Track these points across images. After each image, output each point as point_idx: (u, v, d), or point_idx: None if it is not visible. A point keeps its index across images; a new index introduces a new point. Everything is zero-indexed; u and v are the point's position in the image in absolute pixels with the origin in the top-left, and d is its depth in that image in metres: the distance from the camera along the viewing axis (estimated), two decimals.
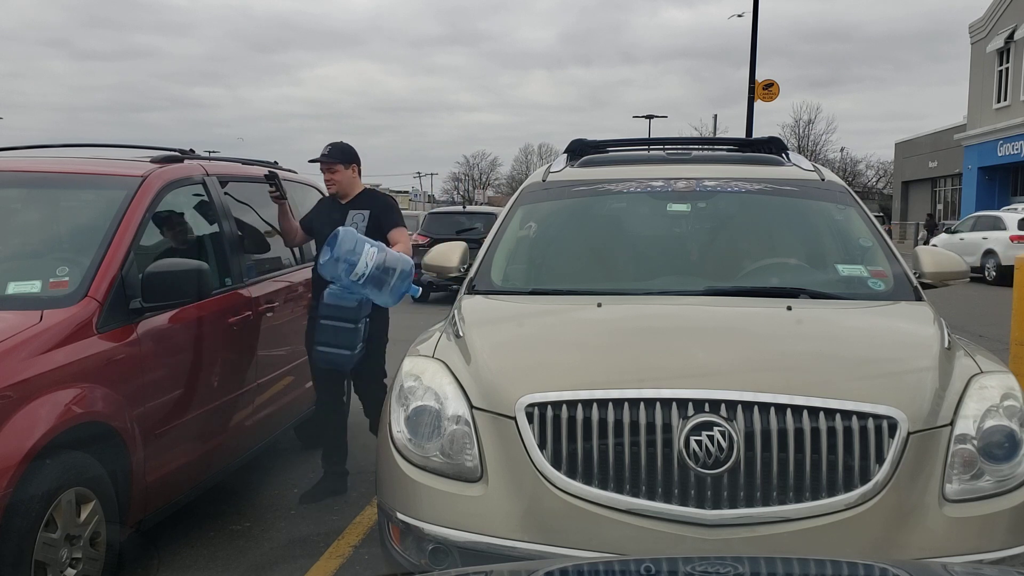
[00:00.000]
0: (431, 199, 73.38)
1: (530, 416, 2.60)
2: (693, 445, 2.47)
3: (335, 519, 4.34)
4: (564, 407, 2.57)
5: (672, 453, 2.49)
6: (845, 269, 3.74)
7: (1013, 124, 29.22)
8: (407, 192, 74.51)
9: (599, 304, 3.34)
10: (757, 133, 21.56)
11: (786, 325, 3.15)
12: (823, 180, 4.20)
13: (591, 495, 2.52)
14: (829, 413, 2.50)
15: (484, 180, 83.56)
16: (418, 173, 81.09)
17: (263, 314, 4.57)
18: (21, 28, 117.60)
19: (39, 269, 3.54)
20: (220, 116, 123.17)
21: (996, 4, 30.85)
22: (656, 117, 47.62)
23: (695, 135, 43.80)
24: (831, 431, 2.49)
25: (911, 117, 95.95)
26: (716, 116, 74.52)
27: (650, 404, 2.53)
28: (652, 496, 2.49)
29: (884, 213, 43.33)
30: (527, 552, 2.51)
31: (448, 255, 4.10)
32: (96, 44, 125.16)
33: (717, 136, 41.42)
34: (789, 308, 3.21)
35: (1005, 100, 30.45)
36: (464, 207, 18.50)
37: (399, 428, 2.83)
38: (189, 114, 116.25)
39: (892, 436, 2.52)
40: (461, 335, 3.11)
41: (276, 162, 5.66)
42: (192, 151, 4.66)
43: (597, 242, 4.11)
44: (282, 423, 5.00)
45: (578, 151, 4.63)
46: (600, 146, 4.78)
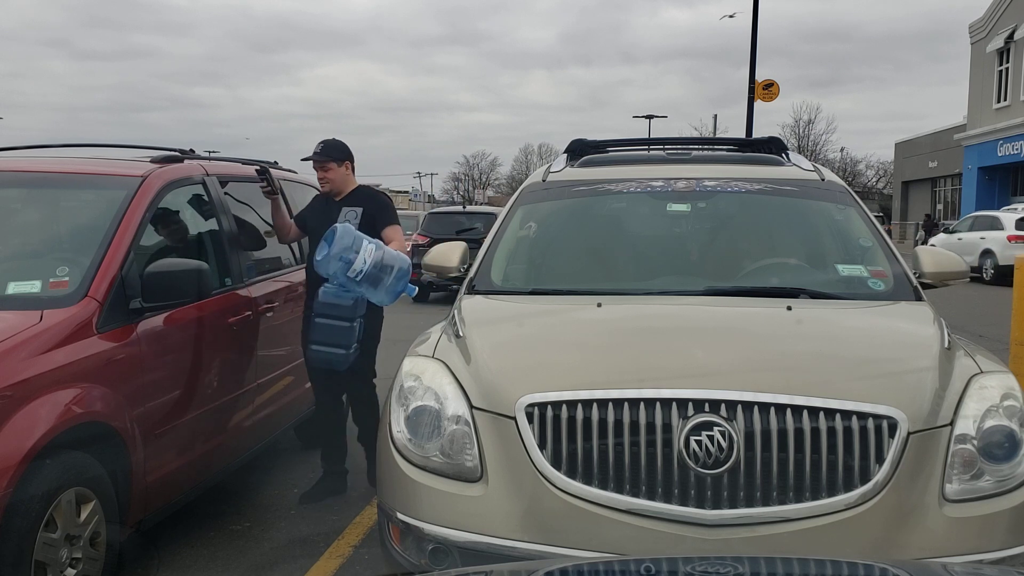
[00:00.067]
0: (431, 199, 73.32)
1: (530, 416, 2.60)
2: (693, 445, 2.47)
3: (335, 519, 4.34)
4: (564, 407, 2.57)
5: (672, 453, 2.49)
6: (845, 269, 3.74)
7: (1013, 124, 29.22)
8: (407, 192, 74.48)
9: (599, 304, 3.34)
10: (757, 133, 21.55)
11: (786, 325, 3.15)
12: (823, 180, 4.20)
13: (591, 495, 2.52)
14: (829, 413, 2.50)
15: (484, 180, 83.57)
16: (418, 173, 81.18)
17: (263, 314, 4.57)
18: (21, 28, 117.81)
19: (39, 269, 3.54)
20: (220, 116, 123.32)
21: (996, 4, 30.84)
22: (656, 117, 47.66)
23: (695, 135, 43.78)
24: (831, 431, 2.49)
25: (911, 117, 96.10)
26: (716, 116, 74.57)
27: (650, 404, 2.53)
28: (652, 496, 2.49)
29: (884, 213, 43.34)
30: (527, 552, 2.51)
31: (448, 255, 4.09)
32: (96, 44, 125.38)
33: (717, 136, 41.40)
34: (789, 308, 3.21)
35: (1005, 100, 30.45)
36: (464, 207, 18.49)
37: (399, 428, 2.83)
38: (189, 114, 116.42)
39: (892, 436, 2.52)
40: (461, 335, 3.10)
41: (276, 162, 5.66)
42: (192, 151, 4.66)
43: (597, 242, 4.11)
44: (282, 423, 5.00)
45: (578, 151, 4.63)
46: (600, 146, 4.78)
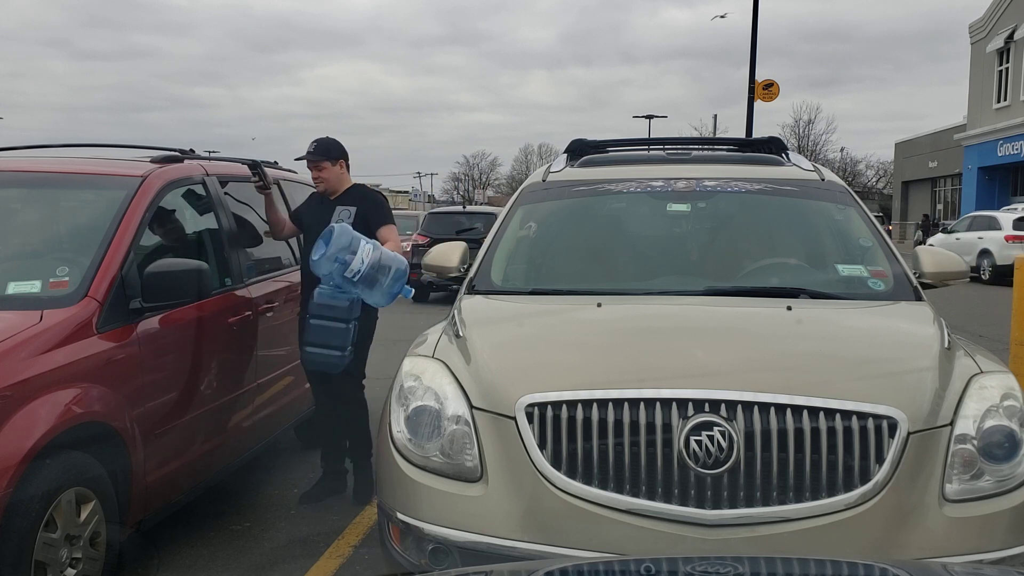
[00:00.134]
0: (431, 199, 73.33)
1: (530, 416, 2.60)
2: (693, 445, 2.47)
3: (335, 519, 4.34)
4: (564, 407, 2.57)
5: (672, 453, 2.49)
6: (845, 269, 3.74)
7: (1013, 124, 29.22)
8: (407, 192, 74.55)
9: (599, 304, 3.34)
10: (757, 133, 21.56)
11: (786, 325, 3.15)
12: (823, 180, 4.20)
13: (591, 495, 2.52)
14: (829, 413, 2.50)
15: (484, 180, 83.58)
16: (418, 173, 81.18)
17: (263, 314, 4.57)
18: (21, 28, 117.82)
19: (39, 269, 3.54)
20: (220, 116, 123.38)
21: (996, 4, 30.84)
22: (656, 117, 47.70)
23: (695, 135, 43.79)
24: (831, 431, 2.49)
25: (911, 117, 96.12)
26: (716, 116, 74.56)
27: (650, 404, 2.53)
28: (652, 496, 2.49)
29: (884, 213, 43.32)
30: (527, 552, 2.51)
31: (448, 255, 4.09)
32: (96, 44, 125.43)
33: (717, 136, 41.40)
34: (789, 308, 3.21)
35: (1005, 100, 30.45)
36: (464, 207, 18.49)
37: (399, 428, 2.83)
38: (189, 114, 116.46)
39: (892, 436, 2.52)
40: (461, 335, 3.10)
41: (276, 162, 5.66)
42: (192, 151, 4.66)
43: (597, 242, 4.11)
44: (282, 423, 5.00)
45: (578, 151, 4.63)
46: (600, 146, 4.78)
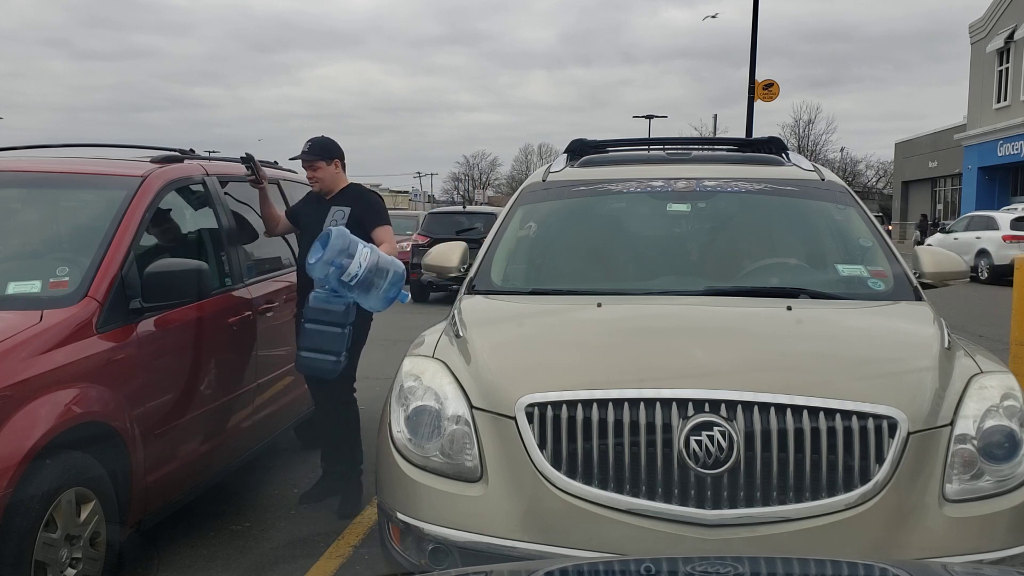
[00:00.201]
0: (431, 199, 73.37)
1: (530, 416, 2.60)
2: (693, 445, 2.47)
3: (335, 519, 4.33)
4: (564, 407, 2.57)
5: (672, 453, 2.49)
6: (845, 269, 3.74)
7: (1013, 124, 29.22)
8: (407, 192, 74.58)
9: (599, 304, 3.34)
10: (757, 133, 21.55)
11: (786, 325, 3.15)
12: (823, 180, 4.20)
13: (591, 495, 2.52)
14: (829, 413, 2.50)
15: (484, 180, 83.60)
16: (418, 173, 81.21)
17: (263, 314, 4.57)
18: (21, 28, 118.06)
19: (39, 269, 3.54)
20: (220, 116, 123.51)
21: (996, 4, 30.85)
22: (656, 117, 47.74)
23: (695, 135, 43.79)
24: (831, 431, 2.49)
25: (911, 117, 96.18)
26: (716, 116, 74.67)
27: (650, 404, 2.53)
28: (652, 496, 2.49)
29: (884, 213, 43.32)
30: (527, 552, 2.51)
31: (448, 255, 4.09)
32: (96, 44, 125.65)
33: (717, 136, 41.40)
34: (789, 308, 3.21)
35: (1005, 100, 30.45)
36: (464, 207, 18.49)
37: (399, 428, 2.83)
38: (189, 114, 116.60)
39: (892, 436, 2.52)
40: (461, 335, 3.10)
41: (276, 162, 5.67)
42: (192, 151, 4.66)
43: (597, 242, 4.11)
44: (282, 423, 5.00)
45: (578, 151, 4.63)
46: (600, 146, 4.78)
